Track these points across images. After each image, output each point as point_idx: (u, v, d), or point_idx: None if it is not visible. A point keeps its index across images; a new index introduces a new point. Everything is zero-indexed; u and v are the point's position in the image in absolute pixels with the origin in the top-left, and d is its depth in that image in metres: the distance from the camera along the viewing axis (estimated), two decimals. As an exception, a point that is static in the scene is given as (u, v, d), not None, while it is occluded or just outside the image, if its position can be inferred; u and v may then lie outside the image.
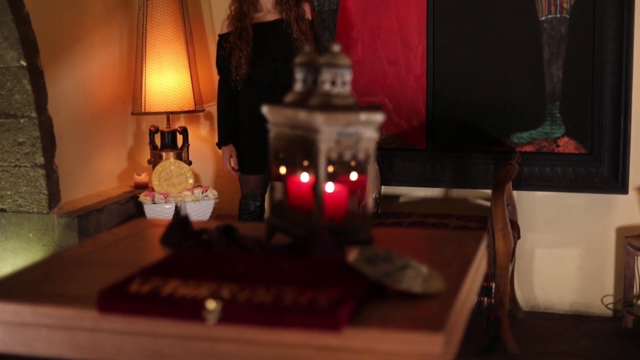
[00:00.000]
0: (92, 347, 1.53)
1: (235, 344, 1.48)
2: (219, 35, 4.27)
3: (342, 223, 2.14)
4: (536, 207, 4.40)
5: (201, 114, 4.80)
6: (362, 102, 4.50)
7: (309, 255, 2.02)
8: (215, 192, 4.51)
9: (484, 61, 4.37)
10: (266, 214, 3.58)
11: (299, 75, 2.27)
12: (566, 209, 4.37)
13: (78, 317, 1.52)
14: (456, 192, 4.52)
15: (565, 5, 4.22)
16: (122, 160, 4.88)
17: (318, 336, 1.42)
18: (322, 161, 2.07)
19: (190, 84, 4.58)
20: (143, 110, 4.54)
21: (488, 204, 4.37)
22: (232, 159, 4.27)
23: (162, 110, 4.53)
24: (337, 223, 2.12)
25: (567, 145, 4.31)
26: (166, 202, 4.39)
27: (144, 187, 4.70)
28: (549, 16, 4.25)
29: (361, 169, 2.16)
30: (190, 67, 4.60)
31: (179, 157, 4.53)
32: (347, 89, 2.13)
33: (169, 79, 4.54)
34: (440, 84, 4.44)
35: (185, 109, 4.57)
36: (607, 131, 4.23)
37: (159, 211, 4.39)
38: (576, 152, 4.30)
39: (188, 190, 4.45)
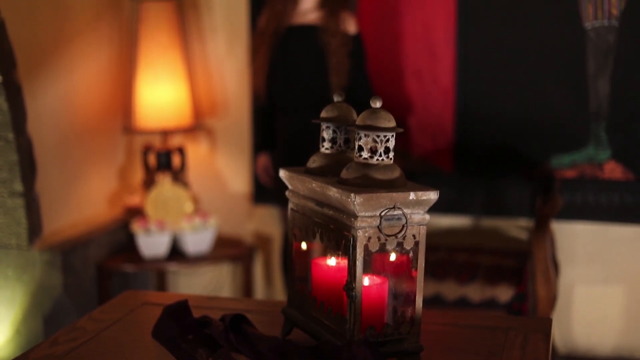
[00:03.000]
0: None
1: None
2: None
3: (382, 330, 1.66)
4: (577, 239, 4.03)
5: (200, 131, 4.45)
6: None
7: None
8: (216, 220, 4.10)
9: (521, 73, 4.00)
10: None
11: (326, 133, 1.79)
12: (610, 242, 4.01)
13: None
14: (487, 222, 4.15)
15: (614, 12, 3.82)
16: (112, 181, 4.44)
17: None
18: (359, 255, 1.60)
19: (188, 97, 4.19)
20: (135, 127, 4.16)
21: (524, 235, 3.97)
22: (263, 169, 4.08)
23: (157, 127, 4.14)
24: (376, 330, 1.65)
25: (613, 170, 3.93)
26: (161, 233, 3.94)
27: (136, 211, 4.25)
28: (595, 24, 3.85)
29: (409, 260, 1.69)
30: (188, 77, 4.20)
31: (175, 179, 4.11)
32: (390, 158, 1.66)
33: (165, 92, 4.14)
34: (470, 98, 4.08)
35: (183, 126, 4.18)
36: (659, 155, 3.87)
37: (154, 243, 3.97)
38: (623, 178, 3.93)
39: (186, 217, 4.01)
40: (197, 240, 4.03)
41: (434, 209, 4.14)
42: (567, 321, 4.05)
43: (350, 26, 3.81)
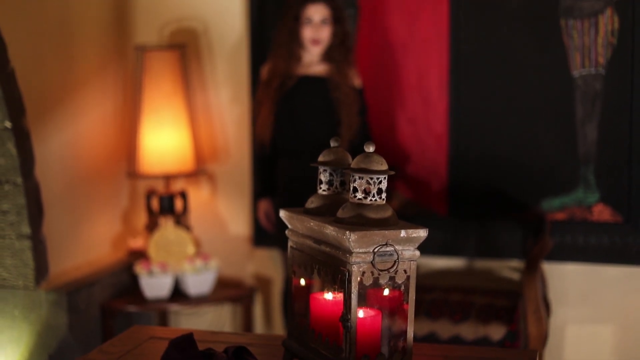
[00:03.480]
0: None
1: None
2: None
3: (376, 359, 1.78)
4: (568, 280, 4.12)
5: (202, 175, 4.56)
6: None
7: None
8: (217, 262, 4.21)
9: (512, 120, 4.12)
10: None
11: (323, 176, 1.92)
12: (601, 283, 4.09)
13: None
14: (481, 263, 4.24)
15: (600, 60, 3.95)
16: (116, 224, 4.56)
17: None
18: (354, 287, 1.72)
19: (191, 144, 4.32)
20: (139, 172, 4.27)
21: (516, 276, 4.07)
22: (264, 214, 4.16)
23: (160, 172, 4.26)
24: (370, 359, 1.77)
25: (602, 212, 4.03)
26: (164, 275, 4.05)
27: (139, 254, 4.37)
28: (583, 72, 3.98)
29: (401, 295, 1.81)
30: (190, 124, 4.32)
31: (178, 223, 4.23)
32: (383, 199, 1.78)
33: (168, 138, 4.26)
34: (463, 144, 4.19)
35: (185, 171, 4.30)
36: (645, 197, 3.97)
37: (156, 284, 4.07)
38: (612, 220, 4.02)
39: (188, 259, 4.13)
40: (199, 282, 4.13)
41: (429, 251, 4.26)
42: (559, 360, 4.15)
43: (356, 80, 3.96)
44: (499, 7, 4.08)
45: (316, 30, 3.87)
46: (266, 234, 4.37)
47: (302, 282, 1.99)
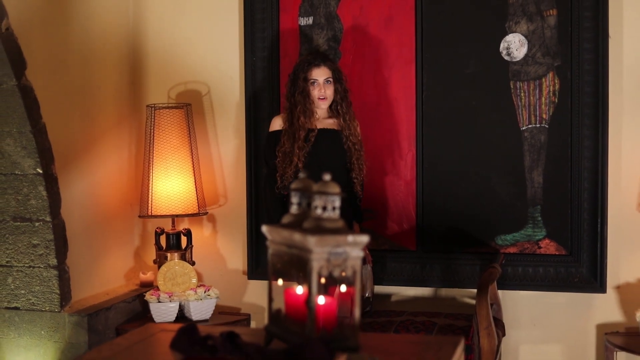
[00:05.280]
0: None
1: None
2: (270, 132, 4.50)
3: (332, 332, 2.38)
4: (520, 305, 4.62)
5: (204, 216, 5.01)
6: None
7: (303, 363, 2.26)
8: (217, 291, 4.72)
9: (470, 168, 4.64)
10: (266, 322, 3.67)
11: (294, 199, 2.55)
12: (549, 308, 4.59)
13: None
14: (445, 291, 4.74)
15: (544, 116, 4.51)
16: (129, 260, 5.11)
17: None
18: (314, 278, 2.33)
19: (194, 189, 4.82)
20: (149, 213, 4.77)
21: (474, 302, 4.58)
22: None
23: (168, 213, 4.77)
24: (328, 332, 2.37)
25: (548, 246, 4.55)
26: (170, 301, 4.60)
27: (149, 285, 4.93)
28: (529, 126, 4.54)
29: (349, 283, 2.42)
30: (194, 172, 4.84)
31: (183, 257, 4.75)
32: (336, 214, 2.41)
33: (175, 184, 4.77)
34: (429, 189, 4.70)
35: (190, 212, 4.79)
36: (585, 234, 4.48)
37: (164, 310, 4.58)
38: (557, 253, 4.54)
39: (191, 289, 4.67)
40: (201, 308, 4.66)
41: (401, 281, 4.76)
42: (514, 377, 4.64)
43: (359, 129, 4.46)
44: (457, 71, 4.63)
45: (321, 89, 4.38)
46: (259, 268, 4.91)
47: (280, 281, 2.59)
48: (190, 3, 5.13)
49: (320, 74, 4.41)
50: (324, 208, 2.37)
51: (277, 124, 4.49)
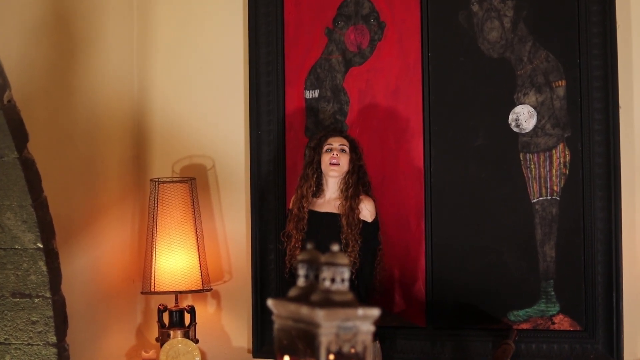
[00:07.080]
0: None
1: None
2: (289, 209, 4.46)
3: (342, 411, 2.27)
4: None
5: (208, 293, 4.93)
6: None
7: None
8: (220, 370, 4.63)
9: (481, 242, 4.56)
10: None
11: (301, 271, 2.45)
12: None
13: None
14: None
15: (555, 188, 4.45)
16: (131, 338, 5.01)
17: None
18: (322, 353, 2.23)
19: (198, 264, 4.74)
20: (152, 290, 4.69)
21: (488, 380, 4.47)
22: None
23: (171, 290, 4.68)
24: (337, 413, 2.26)
25: (562, 322, 4.44)
26: (173, 381, 4.50)
27: (151, 363, 4.82)
28: (540, 199, 4.47)
29: (359, 359, 2.31)
30: (198, 247, 4.77)
31: (186, 335, 4.65)
32: (345, 286, 2.31)
33: (178, 259, 4.70)
34: (438, 264, 4.61)
35: (193, 289, 4.71)
36: (600, 308, 4.36)
37: (166, 389, 4.49)
38: (571, 329, 4.42)
39: (194, 368, 4.57)
40: (204, 388, 4.57)
41: (411, 359, 4.59)
42: None
43: (367, 214, 4.31)
44: (466, 144, 4.58)
45: (335, 154, 4.30)
46: (264, 346, 4.79)
47: (287, 358, 2.48)
48: (195, 77, 5.13)
49: (336, 141, 4.36)
50: (333, 280, 2.29)
51: (293, 203, 4.44)
